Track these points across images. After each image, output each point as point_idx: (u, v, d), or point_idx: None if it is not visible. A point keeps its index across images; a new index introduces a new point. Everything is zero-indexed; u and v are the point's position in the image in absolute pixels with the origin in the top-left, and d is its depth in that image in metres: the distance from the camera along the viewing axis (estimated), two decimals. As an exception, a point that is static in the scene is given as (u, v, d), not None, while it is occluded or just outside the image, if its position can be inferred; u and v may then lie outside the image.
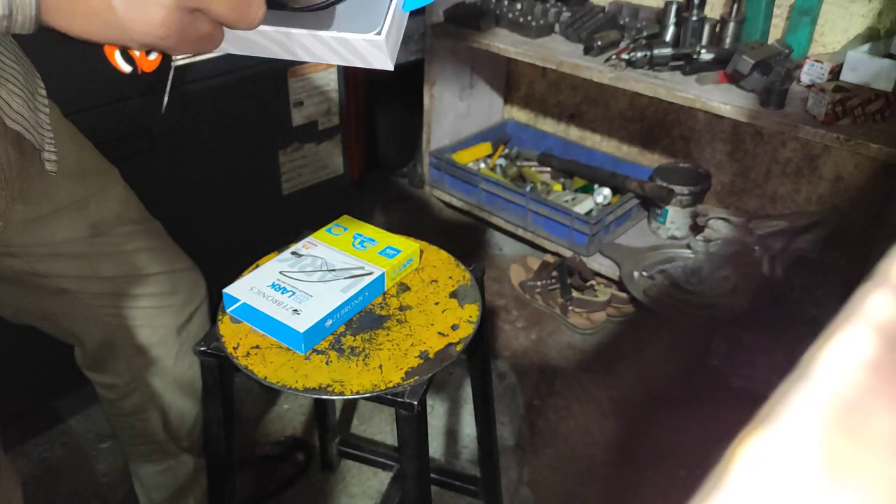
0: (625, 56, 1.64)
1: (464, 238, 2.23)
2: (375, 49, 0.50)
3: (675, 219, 1.90)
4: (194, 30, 0.47)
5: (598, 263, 1.89)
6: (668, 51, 1.62)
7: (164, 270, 1.00)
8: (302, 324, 0.78)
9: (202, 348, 0.85)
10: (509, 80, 2.39)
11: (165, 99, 0.50)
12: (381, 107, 2.35)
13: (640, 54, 1.61)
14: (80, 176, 0.88)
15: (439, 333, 0.82)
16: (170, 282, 1.01)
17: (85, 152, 0.91)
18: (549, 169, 2.19)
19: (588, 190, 2.08)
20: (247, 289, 0.84)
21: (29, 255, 0.85)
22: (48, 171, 0.78)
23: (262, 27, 0.50)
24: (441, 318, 0.85)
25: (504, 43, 1.84)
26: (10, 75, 0.72)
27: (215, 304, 0.98)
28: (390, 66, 0.52)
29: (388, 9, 0.50)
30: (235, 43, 0.53)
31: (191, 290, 1.05)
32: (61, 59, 1.19)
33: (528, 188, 2.06)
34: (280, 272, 0.87)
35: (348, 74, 2.10)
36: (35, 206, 0.83)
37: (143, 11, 0.43)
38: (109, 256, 0.93)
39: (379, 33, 0.49)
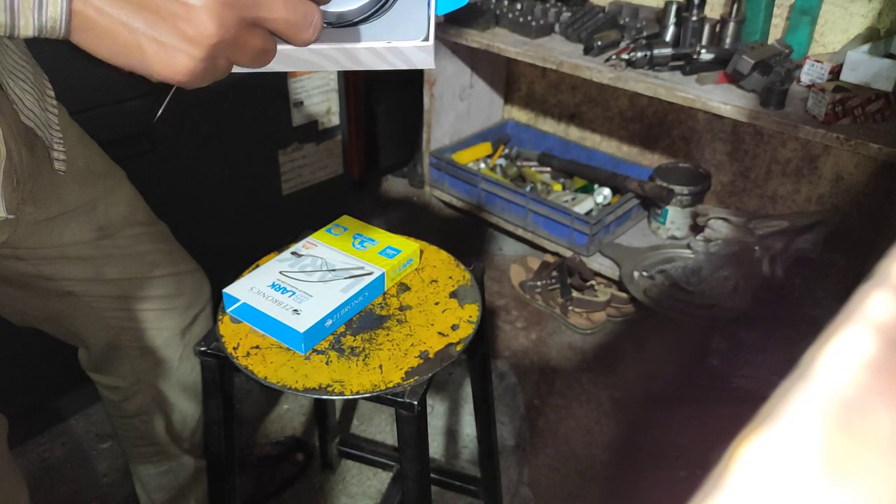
0: (625, 56, 1.64)
1: (464, 238, 2.23)
2: (424, 53, 0.53)
3: (675, 219, 1.90)
4: (249, 45, 0.44)
5: (598, 263, 1.89)
6: (668, 51, 1.62)
7: (169, 273, 1.00)
8: (302, 324, 0.78)
9: (202, 348, 0.85)
10: (509, 80, 2.39)
11: (160, 111, 0.49)
12: (381, 107, 2.35)
13: (640, 54, 1.61)
14: (88, 178, 0.88)
15: (439, 333, 0.82)
16: (175, 284, 1.01)
17: (93, 154, 0.91)
18: (549, 169, 2.19)
19: (588, 190, 2.08)
20: (247, 289, 0.84)
21: (36, 258, 0.85)
22: (57, 171, 0.78)
23: (318, 45, 0.51)
24: (441, 318, 0.85)
25: (504, 43, 1.84)
26: (22, 73, 0.72)
27: (216, 304, 0.98)
28: (433, 65, 0.55)
29: (429, 14, 0.53)
30: (282, 61, 0.54)
31: (195, 292, 1.05)
32: (61, 60, 1.19)
33: (528, 188, 2.06)
34: (280, 272, 0.87)
35: (348, 75, 2.10)
36: (44, 209, 0.83)
37: (170, 59, 0.41)
38: (116, 259, 0.93)
39: (427, 39, 0.52)
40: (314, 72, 1.65)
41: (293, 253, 0.92)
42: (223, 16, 0.41)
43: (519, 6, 1.93)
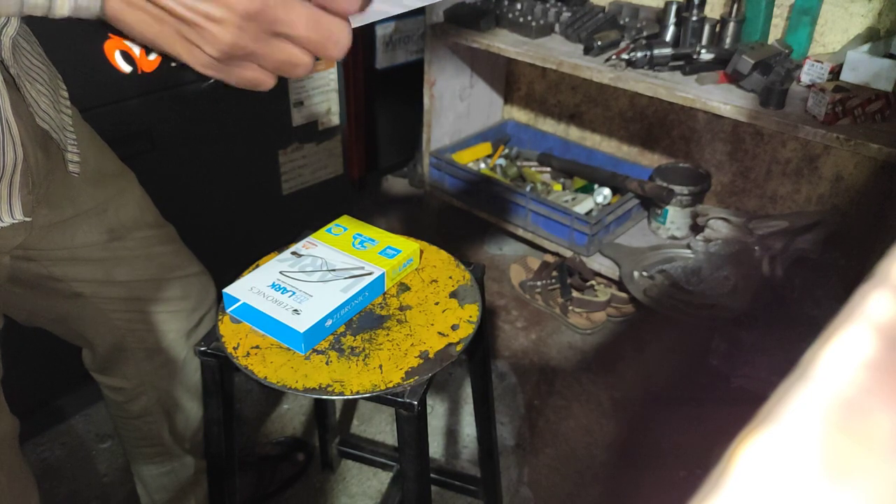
0: (625, 56, 1.64)
1: (464, 238, 2.23)
2: None
3: (675, 219, 1.90)
4: (273, 57, 0.46)
5: (598, 263, 1.89)
6: (668, 51, 1.62)
7: (176, 276, 1.00)
8: (302, 324, 0.78)
9: (202, 348, 0.85)
10: (509, 80, 2.39)
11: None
12: (381, 107, 2.35)
13: (640, 54, 1.61)
14: (100, 180, 0.88)
15: (439, 333, 0.82)
16: (182, 287, 1.01)
17: (104, 155, 0.91)
18: (549, 169, 2.19)
19: (588, 190, 2.08)
20: (247, 289, 0.84)
21: (47, 259, 0.85)
22: (71, 173, 0.78)
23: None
24: (441, 318, 0.85)
25: (504, 43, 1.84)
26: (38, 75, 0.72)
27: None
28: None
29: None
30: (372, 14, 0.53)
31: (201, 294, 1.05)
32: (61, 60, 1.19)
33: (528, 188, 2.06)
34: (280, 272, 0.87)
35: (348, 75, 2.11)
36: (58, 211, 0.83)
37: (191, 53, 0.45)
38: (125, 261, 0.93)
39: None
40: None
41: (293, 253, 0.92)
42: (242, 27, 0.44)
43: (519, 6, 1.93)
